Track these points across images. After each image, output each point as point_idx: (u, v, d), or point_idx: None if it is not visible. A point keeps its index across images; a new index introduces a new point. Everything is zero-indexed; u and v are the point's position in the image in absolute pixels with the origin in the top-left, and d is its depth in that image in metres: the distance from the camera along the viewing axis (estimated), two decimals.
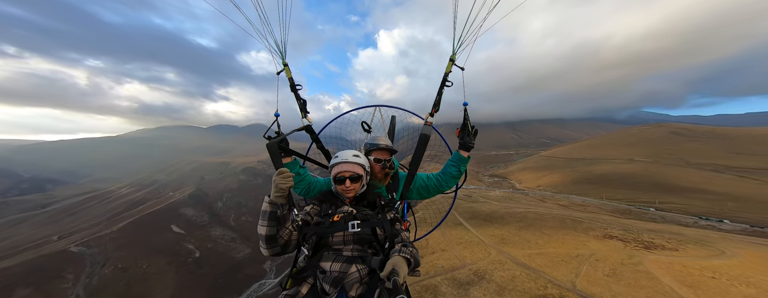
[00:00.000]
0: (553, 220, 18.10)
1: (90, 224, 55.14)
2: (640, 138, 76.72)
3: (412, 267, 1.20)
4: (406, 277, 1.11)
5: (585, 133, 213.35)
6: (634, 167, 49.59)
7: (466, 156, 1.87)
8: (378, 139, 1.96)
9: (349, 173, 1.54)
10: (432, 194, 1.97)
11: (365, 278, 1.25)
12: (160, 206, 57.57)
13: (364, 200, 1.60)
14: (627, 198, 33.46)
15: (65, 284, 33.67)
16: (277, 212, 1.27)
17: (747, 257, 9.89)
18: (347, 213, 1.45)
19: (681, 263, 9.79)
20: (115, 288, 34.61)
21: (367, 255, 1.34)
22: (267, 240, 1.26)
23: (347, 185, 1.53)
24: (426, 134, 1.86)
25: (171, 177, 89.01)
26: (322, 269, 1.26)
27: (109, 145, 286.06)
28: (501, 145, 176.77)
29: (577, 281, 10.00)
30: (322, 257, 1.32)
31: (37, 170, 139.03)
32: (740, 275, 8.81)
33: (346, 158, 1.58)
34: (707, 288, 8.29)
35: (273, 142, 1.63)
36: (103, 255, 40.29)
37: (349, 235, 1.36)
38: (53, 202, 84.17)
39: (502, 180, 67.66)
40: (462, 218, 23.42)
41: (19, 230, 58.31)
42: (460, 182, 2.02)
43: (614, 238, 13.64)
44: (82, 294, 32.92)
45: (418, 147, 1.87)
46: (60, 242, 44.66)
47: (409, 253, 1.22)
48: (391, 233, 1.38)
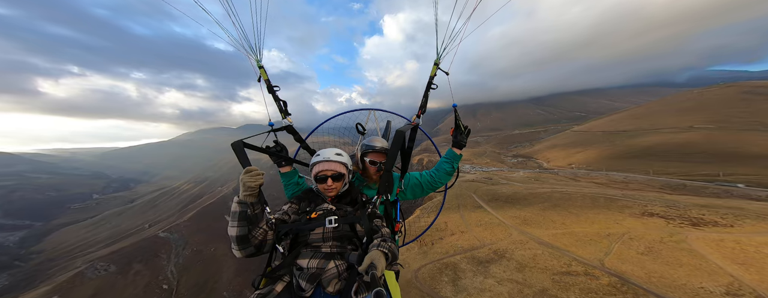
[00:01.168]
0: (583, 199, 16.97)
1: (167, 214, 67.72)
2: (701, 102, 64.23)
3: (390, 261, 1.19)
4: (383, 270, 1.11)
5: (630, 102, 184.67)
6: (693, 135, 42.38)
7: (459, 153, 1.91)
8: (374, 140, 1.99)
9: (331, 171, 1.51)
10: (426, 191, 1.98)
11: (343, 273, 1.24)
12: (214, 199, 67.52)
13: (347, 198, 1.59)
14: (681, 172, 29.15)
15: (162, 262, 42.61)
16: (247, 212, 1.24)
17: None
18: (326, 210, 1.45)
19: (734, 240, 8.79)
20: (196, 267, 42.67)
21: (346, 251, 1.34)
22: (238, 240, 1.22)
23: (329, 184, 1.51)
24: (401, 131, 1.85)
25: (217, 174, 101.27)
26: (299, 266, 1.25)
27: (165, 148, 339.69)
28: (525, 122, 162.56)
29: (606, 260, 9.65)
30: (299, 254, 1.30)
31: (120, 172, 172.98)
32: None
33: (328, 157, 1.55)
34: (762, 266, 7.50)
35: (238, 142, 1.60)
36: (183, 240, 49.01)
37: (329, 231, 1.34)
38: (137, 197, 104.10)
39: (528, 160, 63.42)
40: (482, 200, 23.12)
41: (121, 220, 74.80)
42: (450, 183, 2.05)
43: (655, 215, 12.48)
44: (174, 271, 41.47)
45: (393, 144, 1.81)
46: (151, 229, 55.85)
47: (387, 247, 1.21)
48: (369, 229, 1.35)
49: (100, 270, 38.13)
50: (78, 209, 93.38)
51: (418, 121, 1.97)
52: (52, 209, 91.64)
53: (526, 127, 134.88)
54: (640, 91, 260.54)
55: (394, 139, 1.79)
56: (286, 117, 2.04)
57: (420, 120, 1.97)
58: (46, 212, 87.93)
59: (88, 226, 74.42)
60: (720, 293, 6.94)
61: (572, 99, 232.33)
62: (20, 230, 75.60)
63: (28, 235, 71.91)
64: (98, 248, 52.20)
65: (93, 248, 53.20)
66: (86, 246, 56.82)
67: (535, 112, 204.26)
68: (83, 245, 58.05)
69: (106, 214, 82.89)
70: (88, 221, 79.28)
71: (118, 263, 39.77)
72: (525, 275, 10.30)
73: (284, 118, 2.05)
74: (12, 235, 71.48)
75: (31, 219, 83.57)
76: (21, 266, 52.54)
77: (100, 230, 69.07)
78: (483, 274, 11.22)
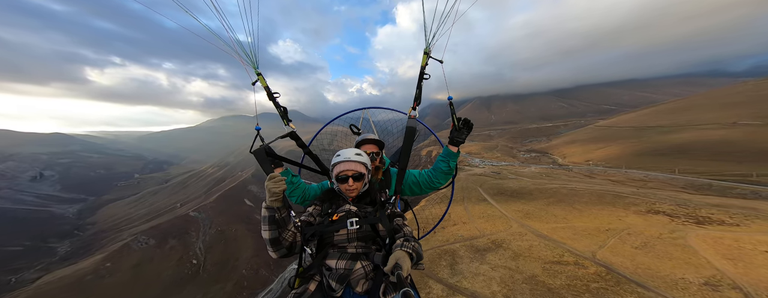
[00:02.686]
0: (590, 195, 16.92)
1: (196, 195, 74.65)
2: (753, 95, 56.78)
3: (414, 261, 1.21)
4: (409, 270, 1.13)
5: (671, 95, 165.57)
6: (733, 132, 38.36)
7: (455, 151, 1.82)
8: (366, 134, 2.09)
9: (351, 171, 1.54)
10: (424, 190, 1.94)
11: (370, 274, 1.28)
12: (235, 183, 71.99)
13: (366, 198, 1.61)
14: (711, 171, 27.08)
15: (192, 239, 47.61)
16: (275, 216, 1.30)
17: None
18: (347, 211, 1.47)
19: (734, 238, 8.88)
20: (219, 245, 47.20)
21: (370, 251, 1.38)
22: (272, 243, 1.29)
23: (350, 184, 1.53)
24: (412, 127, 1.85)
25: (238, 159, 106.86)
26: (328, 267, 1.30)
27: (192, 133, 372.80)
28: (545, 116, 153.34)
29: (598, 252, 10.13)
30: (327, 255, 1.35)
31: (155, 155, 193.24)
32: None
33: (349, 157, 1.58)
34: (752, 261, 7.76)
35: (260, 149, 1.67)
36: (209, 220, 53.77)
37: (352, 232, 1.38)
38: (170, 178, 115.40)
39: (542, 155, 61.07)
40: (487, 194, 23.57)
41: (157, 199, 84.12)
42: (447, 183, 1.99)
43: (660, 213, 12.44)
44: (201, 247, 46.18)
45: (406, 140, 1.86)
46: (182, 209, 61.78)
47: (412, 247, 1.22)
48: (390, 229, 1.39)
49: (142, 243, 43.16)
50: (123, 187, 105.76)
51: (414, 114, 1.92)
52: (102, 186, 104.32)
53: (545, 121, 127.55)
54: (686, 82, 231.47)
55: (406, 135, 1.81)
56: (288, 124, 2.02)
57: (416, 112, 1.93)
58: (97, 188, 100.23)
59: (131, 202, 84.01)
60: (699, 284, 7.41)
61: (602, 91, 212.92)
62: (77, 203, 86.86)
63: (84, 208, 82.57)
64: (140, 223, 59.61)
65: (136, 223, 60.92)
66: (130, 220, 65.08)
67: (557, 105, 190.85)
68: (128, 220, 66.42)
69: (144, 192, 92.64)
70: (131, 197, 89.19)
71: (156, 238, 44.86)
72: (518, 263, 11.09)
73: (286, 124, 2.02)
74: (71, 207, 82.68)
75: (85, 194, 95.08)
76: (80, 235, 61.29)
77: (140, 206, 77.89)
78: (479, 260, 12.15)
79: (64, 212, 78.85)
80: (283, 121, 2.03)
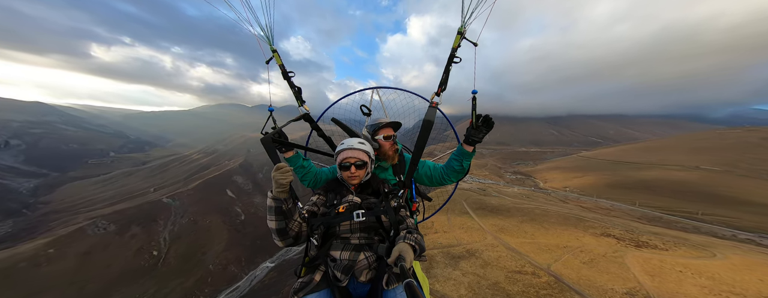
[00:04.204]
0: (558, 216, 18.81)
1: (174, 181, 68.61)
2: (719, 143, 63.51)
3: (417, 253, 1.25)
4: (412, 262, 1.16)
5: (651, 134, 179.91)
6: (694, 175, 42.80)
7: (470, 151, 1.71)
8: (377, 119, 1.98)
9: (354, 159, 1.57)
10: (434, 184, 1.92)
11: (373, 264, 1.32)
12: (220, 172, 68.00)
13: (368, 188, 1.63)
14: (665, 206, 30.24)
15: (158, 228, 43.90)
16: (281, 207, 1.30)
17: (735, 260, 10.19)
18: (352, 203, 1.49)
19: (660, 259, 10.69)
20: (188, 236, 44.12)
21: (373, 242, 1.41)
22: (278, 233, 1.32)
23: (352, 172, 1.56)
24: (429, 120, 1.70)
25: (227, 148, 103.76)
26: (333, 258, 1.33)
27: (184, 117, 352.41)
28: (536, 141, 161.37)
29: (553, 265, 11.64)
30: (331, 245, 1.38)
31: (139, 134, 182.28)
32: (710, 272, 9.63)
33: (352, 145, 1.61)
34: (666, 277, 9.50)
35: (267, 137, 1.59)
36: (183, 208, 50.38)
37: (356, 224, 1.41)
38: (149, 160, 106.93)
39: (526, 178, 64.33)
40: (470, 208, 25.11)
41: (130, 181, 78.08)
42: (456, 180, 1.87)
43: (610, 236, 14.32)
44: (167, 237, 42.82)
45: (421, 134, 1.72)
46: (155, 194, 57.66)
47: (414, 239, 1.27)
48: (395, 220, 1.42)
49: (100, 228, 38.80)
50: (94, 165, 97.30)
51: (437, 101, 1.77)
52: (71, 161, 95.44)
53: (535, 146, 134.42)
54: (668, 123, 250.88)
55: (422, 129, 1.70)
56: (302, 105, 1.96)
57: (439, 99, 1.77)
58: (65, 164, 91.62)
59: (99, 182, 77.08)
60: (621, 293, 9.07)
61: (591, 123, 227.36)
62: (37, 178, 78.52)
63: (42, 184, 73.96)
64: (103, 205, 54.36)
65: (98, 205, 55.79)
66: (93, 202, 59.19)
67: (549, 131, 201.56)
68: (90, 201, 60.18)
69: (117, 172, 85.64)
70: (101, 177, 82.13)
71: (118, 223, 40.78)
72: (486, 271, 12.40)
73: (300, 105, 1.96)
74: (28, 182, 74.11)
75: (49, 168, 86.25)
76: (26, 215, 53.87)
77: (108, 187, 71.05)
78: (452, 266, 13.32)
79: (18, 187, 70.15)
80: (297, 102, 1.96)
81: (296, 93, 1.96)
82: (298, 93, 1.96)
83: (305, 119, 2.05)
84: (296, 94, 1.96)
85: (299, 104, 1.99)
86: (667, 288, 8.61)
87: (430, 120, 1.72)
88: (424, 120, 1.74)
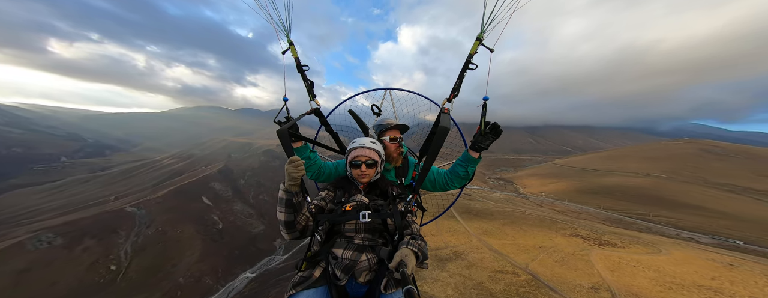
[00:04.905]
0: (535, 219, 20.39)
1: (140, 188, 62.50)
2: (665, 153, 72.97)
3: (420, 260, 1.22)
4: (413, 269, 1.12)
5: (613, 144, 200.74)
6: (645, 181, 48.65)
7: (476, 157, 1.72)
8: (385, 120, 1.98)
9: (365, 157, 1.58)
10: (438, 189, 1.91)
11: (374, 266, 1.31)
12: (195, 178, 63.02)
13: (376, 189, 1.63)
14: (624, 209, 34.08)
15: (119, 240, 39.45)
16: (292, 200, 1.30)
17: (676, 255, 11.97)
18: (359, 202, 1.48)
19: (618, 256, 12.15)
20: (155, 248, 40.19)
21: (376, 244, 1.40)
22: (286, 226, 1.32)
23: (363, 170, 1.57)
24: (445, 127, 1.62)
25: (204, 153, 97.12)
26: (335, 255, 1.33)
27: (156, 119, 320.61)
28: (516, 149, 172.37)
29: (530, 264, 12.64)
30: (334, 243, 1.38)
31: (99, 137, 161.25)
32: (656, 266, 11.18)
33: (364, 144, 1.63)
34: (623, 272, 10.84)
35: (283, 129, 1.59)
36: (149, 217, 45.96)
37: (361, 224, 1.40)
38: (110, 166, 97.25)
39: (508, 184, 68.21)
40: (456, 212, 26.14)
41: (85, 188, 69.09)
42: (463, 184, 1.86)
43: (578, 236, 15.89)
44: (129, 250, 38.61)
45: (435, 141, 1.62)
46: (116, 202, 52.01)
47: (418, 246, 1.24)
48: (400, 225, 1.40)
49: (43, 242, 33.96)
50: (41, 171, 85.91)
51: (448, 107, 1.78)
52: (14, 167, 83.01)
53: (515, 154, 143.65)
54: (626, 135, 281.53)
55: (437, 135, 1.64)
56: (313, 99, 1.96)
57: (451, 105, 1.78)
58: (5, 170, 79.02)
59: (46, 191, 67.29)
60: (588, 287, 10.15)
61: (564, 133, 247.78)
62: None
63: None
64: (50, 216, 47.88)
65: (44, 216, 48.87)
66: (38, 213, 51.75)
67: (527, 140, 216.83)
68: (34, 212, 52.73)
69: (69, 179, 75.91)
70: (48, 185, 71.81)
71: (68, 236, 35.87)
72: (470, 272, 13.06)
73: (312, 99, 1.96)
74: None
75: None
76: None
77: (58, 196, 62.77)
78: (440, 268, 13.83)
79: None
80: (309, 96, 1.97)
81: (308, 87, 1.95)
82: (310, 87, 1.95)
83: (315, 114, 2.05)
84: (308, 88, 1.96)
85: (310, 98, 1.98)
86: (624, 281, 9.85)
87: (446, 126, 1.65)
88: (440, 126, 1.67)
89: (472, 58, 1.70)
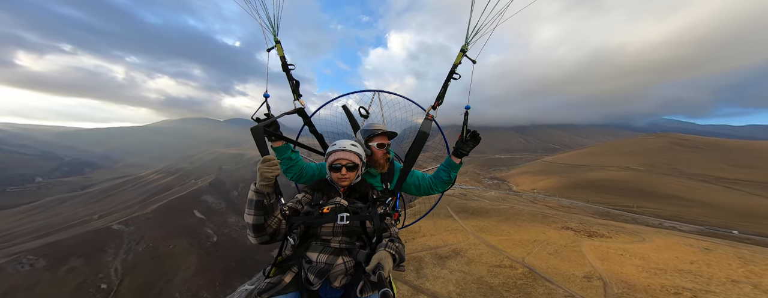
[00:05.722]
0: (528, 215, 21.16)
1: (126, 205, 60.97)
2: (642, 147, 77.66)
3: (397, 263, 1.21)
4: (390, 271, 1.11)
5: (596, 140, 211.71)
6: (626, 174, 51.50)
7: (458, 162, 1.78)
8: (374, 125, 1.95)
9: (346, 161, 1.53)
10: (421, 193, 1.94)
11: (350, 270, 1.27)
12: (185, 192, 62.37)
13: (356, 192, 1.59)
14: (610, 202, 35.92)
15: (107, 258, 38.22)
16: (263, 201, 1.22)
17: (658, 242, 12.82)
18: (338, 205, 1.44)
19: (606, 246, 12.83)
20: (147, 264, 39.01)
21: (354, 248, 1.35)
22: (255, 229, 1.23)
23: (343, 173, 1.52)
24: (424, 132, 1.72)
25: (194, 166, 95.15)
26: (309, 259, 1.27)
27: (139, 134, 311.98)
28: (507, 148, 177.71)
29: (526, 258, 13.11)
30: (309, 246, 1.32)
31: (77, 155, 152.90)
32: (641, 253, 11.89)
33: (344, 147, 1.57)
34: (612, 260, 11.46)
35: (258, 126, 1.52)
36: (138, 234, 44.65)
37: (338, 227, 1.36)
38: (91, 184, 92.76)
39: (501, 182, 69.94)
40: (453, 212, 26.62)
41: (64, 209, 65.51)
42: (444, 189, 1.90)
43: (569, 229, 16.65)
44: (119, 268, 37.38)
45: (415, 144, 1.72)
46: (101, 221, 50.03)
47: (395, 249, 1.23)
48: (379, 228, 1.37)
49: (25, 264, 32.83)
50: (14, 193, 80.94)
51: (433, 114, 1.83)
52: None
53: (507, 153, 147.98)
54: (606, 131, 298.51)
55: (417, 139, 1.69)
56: (297, 99, 1.91)
57: (435, 112, 1.82)
58: None
59: (21, 213, 63.71)
60: (581, 277, 10.65)
61: (550, 132, 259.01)
62: None
63: None
64: (27, 239, 44.98)
65: (20, 239, 45.70)
66: (14, 236, 48.61)
67: (517, 139, 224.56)
68: (10, 235, 49.51)
69: (47, 200, 72.44)
70: (22, 207, 68.27)
71: (51, 258, 34.56)
72: (470, 267, 13.34)
73: (296, 99, 1.91)
74: None
75: None
76: None
77: (35, 218, 59.35)
78: (441, 266, 14.04)
79: None
80: (294, 95, 1.92)
81: (293, 86, 1.91)
82: (295, 86, 1.91)
83: (299, 114, 1.99)
84: (293, 87, 1.91)
85: (295, 98, 1.94)
86: (614, 269, 10.43)
87: (426, 132, 1.73)
88: (419, 131, 1.74)
89: (456, 68, 1.76)
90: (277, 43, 1.87)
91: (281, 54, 1.89)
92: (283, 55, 1.89)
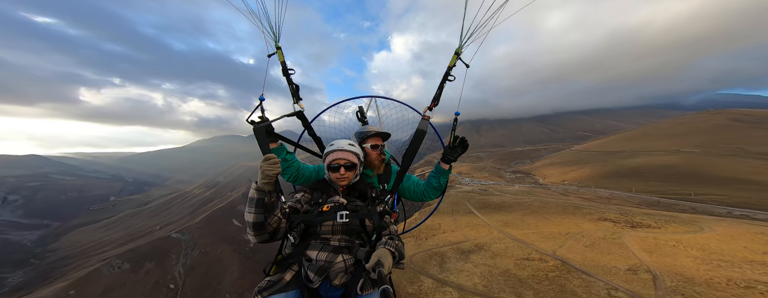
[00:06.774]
0: (557, 207, 19.55)
1: (179, 216, 70.76)
2: (692, 127, 67.19)
3: (396, 260, 1.22)
4: (390, 269, 1.12)
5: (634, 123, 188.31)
6: (675, 158, 44.91)
7: (447, 168, 1.80)
8: (367, 127, 1.97)
9: (344, 160, 1.55)
10: (415, 199, 1.94)
11: (350, 268, 1.28)
12: (224, 203, 70.00)
13: (355, 191, 1.61)
14: (659, 191, 31.53)
15: (171, 262, 44.61)
16: (264, 200, 1.23)
17: (720, 232, 11.02)
18: (337, 203, 1.46)
19: (654, 237, 11.40)
20: (201, 268, 44.51)
21: (353, 246, 1.37)
22: (255, 227, 1.23)
23: (342, 173, 1.54)
24: (422, 130, 1.77)
25: (228, 179, 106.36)
26: (309, 258, 1.29)
27: (180, 154, 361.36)
28: (529, 140, 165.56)
29: (558, 250, 12.16)
30: (309, 245, 1.34)
31: (136, 175, 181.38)
32: (699, 244, 10.40)
33: (342, 146, 1.59)
34: (662, 252, 10.20)
35: (260, 126, 1.57)
36: (192, 241, 51.29)
37: (338, 225, 1.37)
38: (150, 200, 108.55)
39: (526, 176, 65.48)
40: (473, 207, 25.62)
41: (135, 221, 77.54)
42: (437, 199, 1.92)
43: (607, 220, 15.05)
44: (181, 270, 43.42)
45: (413, 142, 1.79)
46: (162, 231, 58.80)
47: (395, 246, 1.24)
48: (379, 225, 1.39)
49: (114, 267, 40.58)
50: (96, 210, 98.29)
51: (429, 115, 1.87)
52: (72, 210, 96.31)
53: (529, 145, 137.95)
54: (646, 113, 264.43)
55: (414, 138, 1.74)
56: (297, 102, 1.95)
57: (431, 113, 1.87)
58: (66, 213, 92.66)
59: (103, 226, 77.67)
60: (624, 270, 9.66)
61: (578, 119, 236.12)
62: (39, 229, 79.29)
63: (46, 234, 75.03)
64: (113, 247, 54.25)
65: (108, 247, 55.12)
66: (102, 245, 58.95)
67: (539, 130, 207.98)
68: (99, 244, 60.19)
69: (120, 215, 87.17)
70: (104, 221, 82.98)
71: (132, 261, 42.08)
72: (495, 261, 12.72)
73: (295, 102, 1.94)
74: (30, 234, 75.12)
75: (50, 219, 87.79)
76: (36, 264, 55.14)
77: (114, 230, 71.88)
78: (464, 260, 13.58)
79: (20, 240, 70.97)
80: (293, 99, 1.95)
81: (293, 90, 1.96)
82: (295, 90, 1.96)
83: (298, 117, 2.02)
84: (293, 91, 1.96)
85: (294, 101, 1.97)
86: (665, 262, 9.24)
87: (423, 130, 1.78)
88: (417, 130, 1.79)
89: (451, 70, 1.79)
90: (278, 49, 1.93)
91: (282, 59, 1.95)
92: (283, 61, 1.95)
